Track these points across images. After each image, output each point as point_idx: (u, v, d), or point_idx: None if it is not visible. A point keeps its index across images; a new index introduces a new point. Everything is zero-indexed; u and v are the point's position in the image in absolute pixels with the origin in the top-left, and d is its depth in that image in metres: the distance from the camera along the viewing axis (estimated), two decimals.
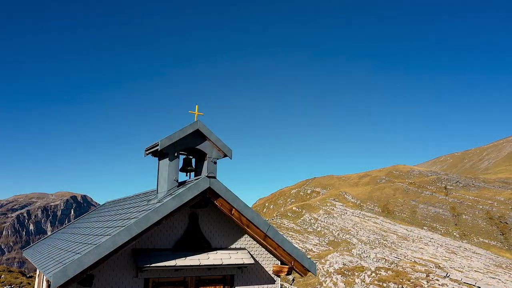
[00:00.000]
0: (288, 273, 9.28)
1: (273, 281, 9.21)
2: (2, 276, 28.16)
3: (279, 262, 9.31)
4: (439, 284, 25.97)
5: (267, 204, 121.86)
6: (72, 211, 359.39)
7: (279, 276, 9.34)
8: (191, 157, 9.25)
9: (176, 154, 8.28)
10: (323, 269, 33.03)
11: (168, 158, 8.20)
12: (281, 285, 32.38)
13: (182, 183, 8.68)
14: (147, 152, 8.52)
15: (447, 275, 26.33)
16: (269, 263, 9.25)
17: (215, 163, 8.57)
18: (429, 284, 26.10)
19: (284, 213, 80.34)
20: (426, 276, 26.37)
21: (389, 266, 30.41)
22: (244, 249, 8.89)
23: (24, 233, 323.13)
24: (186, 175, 9.29)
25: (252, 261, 8.59)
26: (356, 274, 27.66)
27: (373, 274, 26.12)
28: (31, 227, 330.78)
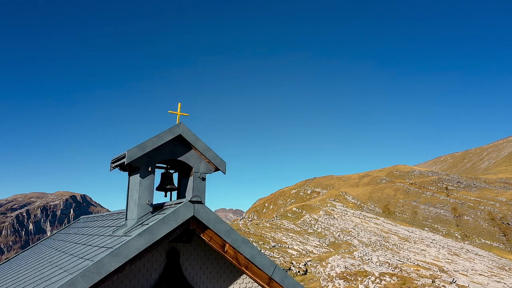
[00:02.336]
0: None
1: None
2: None
3: None
4: None
5: (267, 205, 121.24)
6: (72, 211, 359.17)
7: None
8: (172, 171, 7.09)
9: (150, 169, 6.23)
10: (325, 272, 32.36)
11: (139, 174, 6.16)
12: None
13: (159, 207, 6.46)
14: (113, 165, 6.47)
15: (454, 281, 25.71)
16: None
17: (203, 179, 6.61)
18: None
19: (284, 213, 79.71)
20: (432, 282, 25.73)
21: (393, 270, 29.78)
22: None
23: (23, 233, 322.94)
24: (166, 195, 7.00)
25: None
26: (359, 279, 27.03)
27: (377, 280, 25.49)
28: (31, 226, 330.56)
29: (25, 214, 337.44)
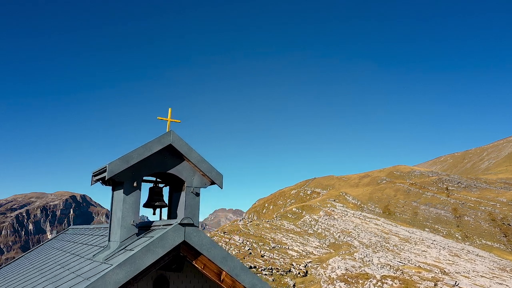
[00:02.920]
0: None
1: None
2: None
3: None
4: None
5: (266, 205, 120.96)
6: (72, 211, 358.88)
7: None
8: (162, 185, 6.31)
9: (136, 184, 5.45)
10: (325, 274, 32.09)
11: (123, 190, 5.39)
12: None
13: (146, 227, 5.69)
14: (94, 179, 5.71)
15: (456, 284, 25.44)
16: None
17: (197, 194, 5.86)
18: None
19: (284, 214, 79.43)
20: (434, 285, 25.46)
21: (394, 273, 29.50)
22: None
23: (23, 233, 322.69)
24: (154, 213, 6.28)
25: None
26: (361, 282, 26.75)
27: (379, 283, 25.22)
28: (30, 226, 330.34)
29: (25, 214, 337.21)
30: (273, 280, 34.08)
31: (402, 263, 37.91)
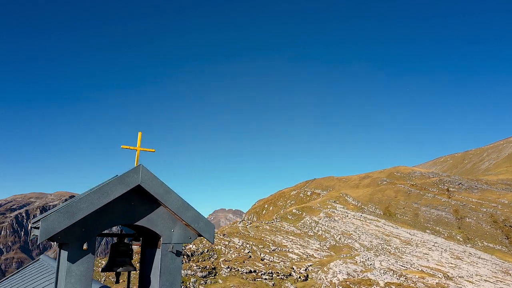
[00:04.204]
0: None
1: None
2: None
3: None
4: None
5: (266, 206, 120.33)
6: None
7: None
8: (129, 240, 4.62)
9: (86, 247, 3.67)
10: (326, 279, 31.45)
11: (68, 252, 3.65)
12: None
13: None
14: (31, 235, 4.35)
15: None
16: None
17: (178, 254, 4.14)
18: None
19: (284, 215, 78.80)
20: None
21: (398, 279, 28.88)
22: None
23: (22, 233, 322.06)
24: (118, 281, 4.56)
25: None
26: None
27: None
28: (30, 227, 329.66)
29: (24, 215, 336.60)
30: (273, 285, 33.48)
31: (404, 267, 37.31)
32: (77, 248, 3.67)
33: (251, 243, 48.38)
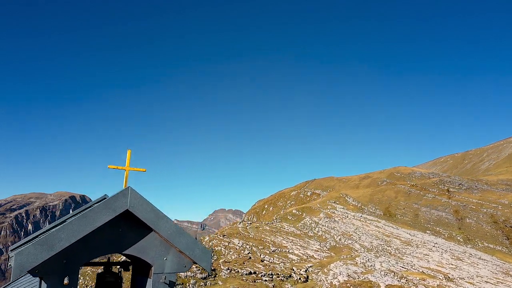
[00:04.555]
0: None
1: None
2: None
3: None
4: None
5: (266, 206, 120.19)
6: (71, 211, 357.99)
7: None
8: (117, 268, 4.31)
9: (67, 281, 3.25)
10: (327, 280, 31.33)
11: (47, 286, 3.25)
12: None
13: None
14: (9, 264, 4.23)
15: None
16: None
17: (171, 285, 3.78)
18: None
19: (284, 216, 78.69)
20: None
21: (399, 281, 28.76)
22: None
23: (22, 233, 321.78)
24: None
25: None
26: None
27: None
28: (30, 227, 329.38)
29: (24, 215, 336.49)
30: (273, 286, 33.35)
31: (405, 268, 37.19)
32: (57, 282, 3.20)
33: (251, 244, 48.25)
